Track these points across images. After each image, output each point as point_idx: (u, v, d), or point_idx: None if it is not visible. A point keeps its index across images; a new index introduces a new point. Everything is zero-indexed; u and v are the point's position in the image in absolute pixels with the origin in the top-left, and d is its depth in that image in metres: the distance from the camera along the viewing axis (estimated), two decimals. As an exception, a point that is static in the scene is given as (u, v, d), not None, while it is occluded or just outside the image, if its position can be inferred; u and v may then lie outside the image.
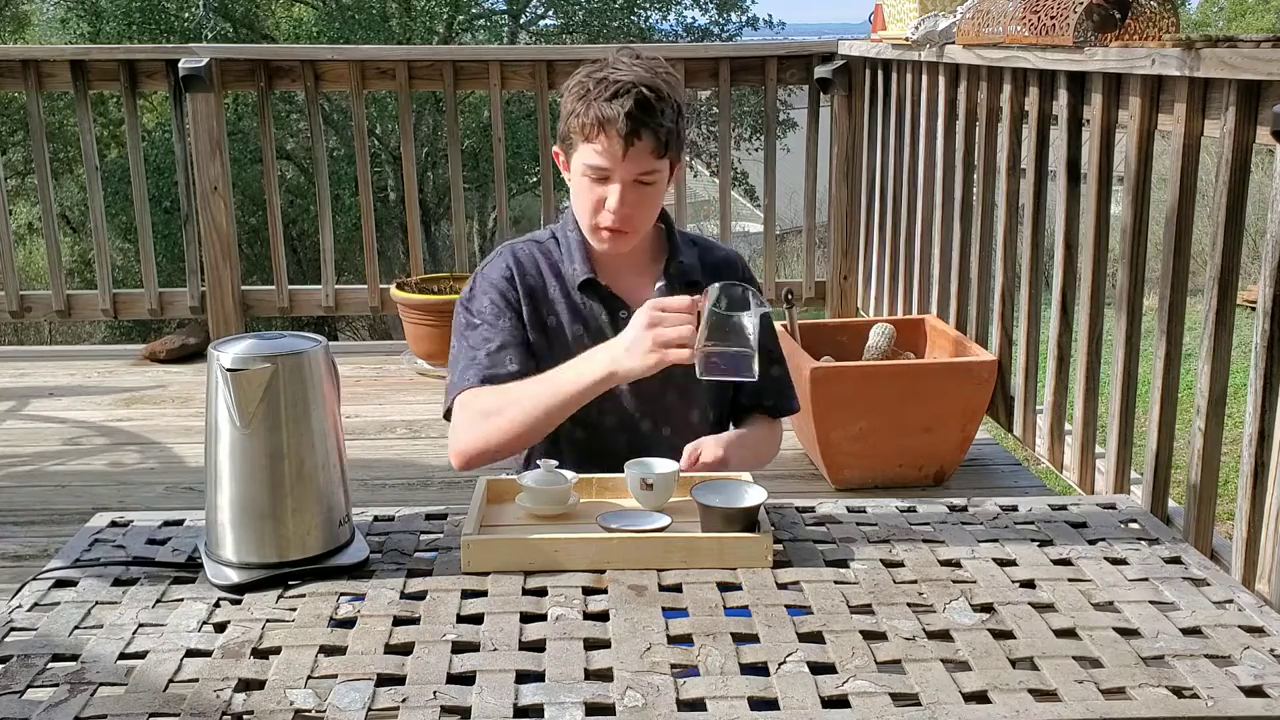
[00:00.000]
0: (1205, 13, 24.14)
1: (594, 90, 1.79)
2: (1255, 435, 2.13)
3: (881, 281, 4.27)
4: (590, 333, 1.90)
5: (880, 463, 3.13)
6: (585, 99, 1.79)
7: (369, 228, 4.71)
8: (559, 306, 1.91)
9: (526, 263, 1.94)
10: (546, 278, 1.93)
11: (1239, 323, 2.44)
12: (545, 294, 1.92)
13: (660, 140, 1.79)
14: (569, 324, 1.90)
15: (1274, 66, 2.00)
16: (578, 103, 1.80)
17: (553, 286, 1.92)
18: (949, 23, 3.33)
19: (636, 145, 1.77)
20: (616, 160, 1.79)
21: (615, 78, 1.79)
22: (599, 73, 1.81)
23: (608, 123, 1.77)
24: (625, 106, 1.76)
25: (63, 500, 3.19)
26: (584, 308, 1.91)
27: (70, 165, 14.82)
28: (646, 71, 1.81)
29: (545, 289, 1.92)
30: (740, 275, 1.96)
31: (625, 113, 1.76)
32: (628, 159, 1.78)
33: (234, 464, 1.42)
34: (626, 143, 1.77)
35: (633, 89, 1.77)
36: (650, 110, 1.77)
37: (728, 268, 1.98)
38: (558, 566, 1.46)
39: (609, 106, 1.76)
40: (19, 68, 4.34)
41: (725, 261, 2.00)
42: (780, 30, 20.43)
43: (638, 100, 1.76)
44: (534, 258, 1.94)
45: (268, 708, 1.17)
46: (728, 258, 2.02)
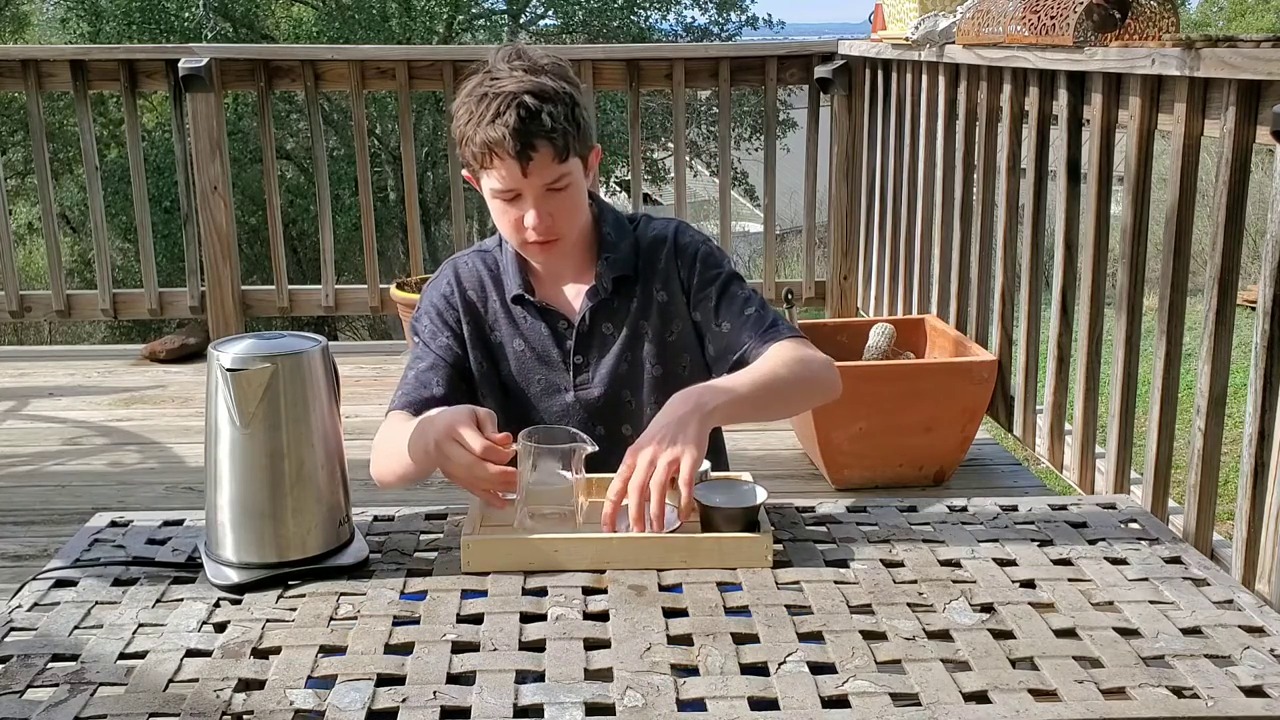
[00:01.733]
0: (1205, 13, 24.15)
1: (476, 112, 1.70)
2: (1255, 435, 2.13)
3: (881, 281, 4.27)
4: (532, 347, 1.86)
5: (880, 463, 3.13)
6: (470, 122, 1.71)
7: (369, 228, 4.71)
8: (500, 321, 1.88)
9: (468, 278, 1.89)
10: (488, 291, 1.88)
11: (1239, 323, 2.44)
12: (486, 308, 1.88)
13: (557, 146, 1.70)
14: (510, 339, 1.87)
15: (1274, 66, 2.00)
16: (465, 127, 1.72)
17: (493, 300, 1.88)
18: (949, 23, 3.33)
19: (534, 159, 1.69)
20: (519, 180, 1.71)
21: (495, 91, 1.69)
22: (479, 88, 1.72)
23: (496, 145, 1.68)
24: (509, 124, 1.66)
25: (63, 500, 3.19)
26: (524, 322, 1.87)
27: (70, 165, 14.82)
28: (527, 73, 1.71)
29: (486, 303, 1.88)
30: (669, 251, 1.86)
31: (510, 131, 1.66)
32: (530, 175, 1.70)
33: (234, 464, 1.42)
34: (521, 160, 1.69)
35: (513, 101, 1.67)
36: (535, 119, 1.67)
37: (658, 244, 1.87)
38: (558, 566, 1.46)
39: (493, 129, 1.68)
40: (19, 68, 4.34)
41: (657, 239, 1.88)
42: (780, 30, 20.45)
43: (520, 113, 1.66)
44: (476, 271, 1.90)
45: (268, 708, 1.17)
46: (658, 237, 1.89)
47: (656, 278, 1.87)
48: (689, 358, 1.89)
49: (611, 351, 1.86)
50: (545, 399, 1.88)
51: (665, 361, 1.87)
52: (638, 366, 1.86)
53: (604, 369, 1.86)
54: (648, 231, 1.91)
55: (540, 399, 1.88)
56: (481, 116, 1.70)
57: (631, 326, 1.86)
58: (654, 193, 18.46)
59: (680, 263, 1.88)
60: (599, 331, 1.86)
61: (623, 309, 1.86)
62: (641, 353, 1.86)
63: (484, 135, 1.69)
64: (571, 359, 1.86)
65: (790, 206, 9.01)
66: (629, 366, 1.86)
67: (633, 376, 1.87)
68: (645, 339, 1.86)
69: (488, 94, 1.70)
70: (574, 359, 1.86)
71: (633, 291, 1.86)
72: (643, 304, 1.87)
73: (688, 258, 1.89)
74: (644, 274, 1.88)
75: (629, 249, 1.87)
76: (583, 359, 1.86)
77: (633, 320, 1.86)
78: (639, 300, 1.87)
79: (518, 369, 1.87)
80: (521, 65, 1.73)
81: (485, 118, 1.69)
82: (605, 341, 1.86)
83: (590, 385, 1.87)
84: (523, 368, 1.87)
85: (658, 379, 1.87)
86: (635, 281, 1.87)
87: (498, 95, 1.69)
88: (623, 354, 1.86)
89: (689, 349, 1.89)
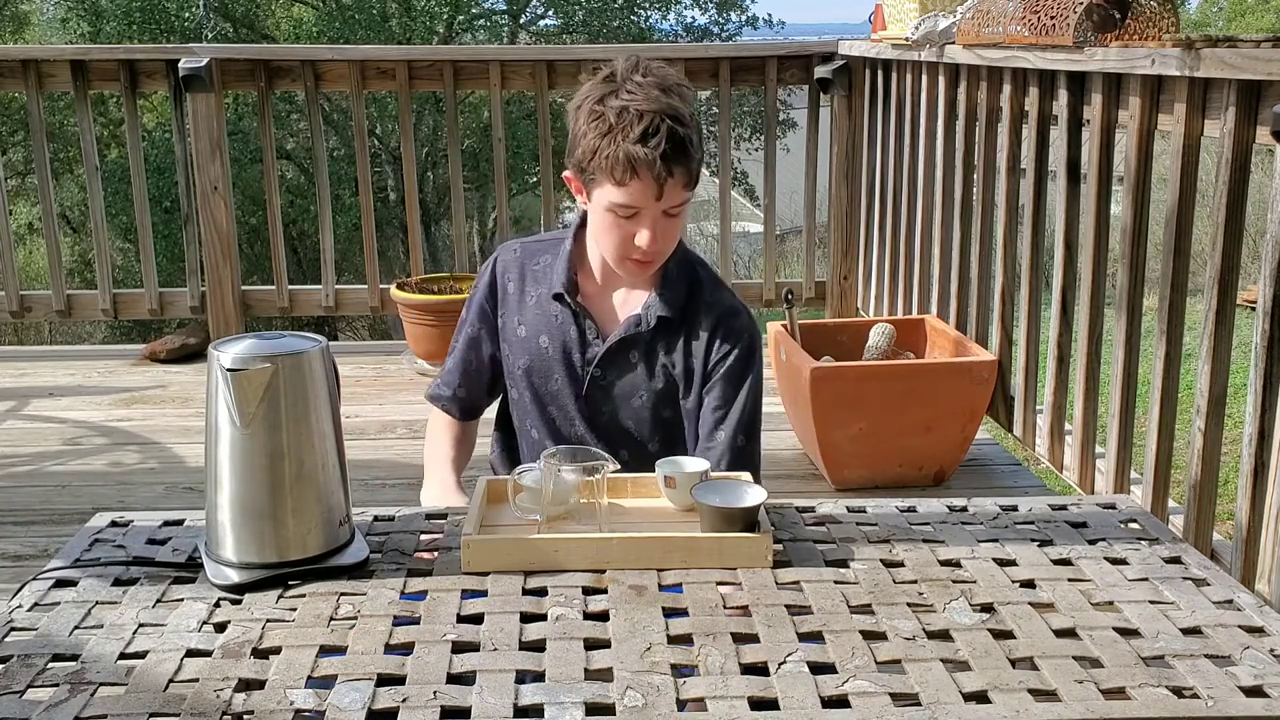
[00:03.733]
0: (1205, 13, 24.15)
1: (617, 126, 1.67)
2: (1255, 435, 2.13)
3: (881, 281, 4.27)
4: (555, 344, 1.88)
5: (880, 463, 3.13)
6: (610, 136, 1.68)
7: (369, 228, 4.71)
8: (530, 315, 1.90)
9: (512, 268, 1.93)
10: (527, 284, 1.91)
11: (1239, 323, 2.44)
12: (521, 302, 1.91)
13: (692, 174, 1.72)
14: (535, 334, 1.89)
15: (1274, 66, 2.00)
16: (600, 140, 1.69)
17: (530, 295, 1.90)
18: (949, 23, 3.33)
19: (669, 183, 1.69)
20: (649, 201, 1.71)
21: (637, 108, 1.67)
22: (615, 99, 1.69)
23: (640, 165, 1.67)
24: (659, 149, 1.66)
25: (63, 500, 3.19)
26: (555, 319, 1.88)
27: (70, 165, 14.82)
28: (664, 93, 1.69)
29: (522, 296, 1.91)
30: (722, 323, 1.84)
31: (660, 155, 1.66)
32: (662, 198, 1.71)
33: (234, 464, 1.42)
34: (660, 184, 1.68)
35: (662, 125, 1.66)
36: (681, 145, 1.68)
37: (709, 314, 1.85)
38: (558, 566, 1.46)
39: (641, 149, 1.66)
40: (19, 68, 4.34)
41: (715, 307, 1.86)
42: (780, 30, 20.44)
43: (670, 139, 1.66)
44: (522, 263, 1.92)
45: (268, 708, 1.17)
46: (719, 306, 1.86)
47: (694, 340, 1.85)
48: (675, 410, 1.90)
49: (629, 380, 1.87)
50: (560, 400, 1.90)
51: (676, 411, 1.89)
52: (649, 406, 1.88)
53: (618, 394, 1.87)
54: (712, 293, 1.87)
55: (555, 399, 1.90)
56: (626, 132, 1.67)
57: (657, 371, 1.86)
58: (654, 193, 18.41)
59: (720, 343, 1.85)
60: (625, 356, 1.86)
61: (654, 348, 1.85)
62: (656, 395, 1.87)
63: (630, 152, 1.67)
64: (590, 369, 1.87)
65: (790, 206, 9.00)
66: (641, 403, 1.88)
67: (641, 412, 1.88)
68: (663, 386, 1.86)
69: (629, 109, 1.68)
70: (593, 370, 1.86)
71: (670, 337, 1.85)
72: (673, 354, 1.86)
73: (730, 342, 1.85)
74: (687, 326, 1.85)
75: (683, 293, 1.87)
76: (601, 373, 1.87)
77: (659, 365, 1.86)
78: (670, 348, 1.86)
79: (539, 365, 1.89)
80: (654, 82, 1.71)
81: (631, 135, 1.67)
82: (626, 369, 1.87)
83: (601, 401, 1.88)
84: (544, 364, 1.89)
85: (666, 421, 1.89)
86: (677, 329, 1.85)
87: (643, 113, 1.67)
88: (639, 388, 1.87)
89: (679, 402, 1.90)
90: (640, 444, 1.89)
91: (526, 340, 1.90)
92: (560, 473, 1.53)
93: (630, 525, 1.57)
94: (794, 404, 3.28)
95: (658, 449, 1.88)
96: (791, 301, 3.39)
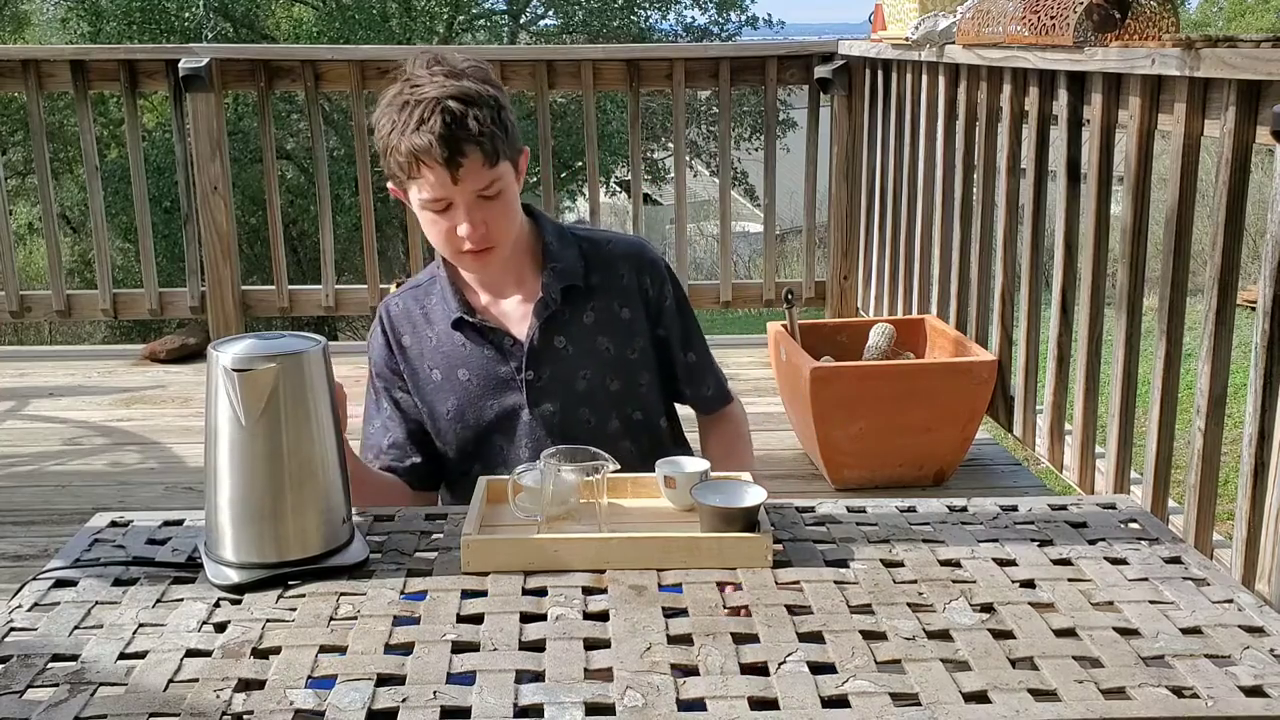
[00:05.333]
0: (1205, 13, 24.16)
1: (399, 121, 1.64)
2: (1255, 435, 2.13)
3: (881, 281, 4.27)
4: (475, 372, 1.82)
5: (880, 463, 3.13)
6: (394, 132, 1.65)
7: (369, 228, 4.71)
8: (436, 357, 1.83)
9: (401, 320, 1.86)
10: (420, 329, 1.85)
11: (1239, 323, 2.44)
12: (421, 349, 1.84)
13: (487, 150, 1.65)
14: (451, 371, 1.82)
15: (1274, 66, 2.00)
16: (388, 137, 1.66)
17: (428, 338, 1.84)
18: (949, 23, 3.33)
19: (463, 165, 1.64)
20: (449, 188, 1.66)
21: (417, 98, 1.64)
22: (400, 96, 1.66)
23: (423, 153, 1.63)
24: (435, 130, 1.61)
25: (63, 500, 3.18)
26: (463, 348, 1.81)
27: (70, 165, 14.83)
28: (449, 78, 1.66)
29: (421, 342, 1.84)
30: (635, 267, 1.84)
31: (437, 138, 1.61)
32: (460, 182, 1.66)
33: (234, 464, 1.42)
34: (451, 167, 1.64)
35: (436, 107, 1.62)
36: (462, 124, 1.63)
37: (623, 260, 1.85)
38: (558, 566, 1.46)
39: (418, 136, 1.62)
40: (19, 68, 4.33)
41: (619, 254, 1.85)
42: (780, 30, 20.46)
43: (446, 119, 1.62)
44: (408, 312, 1.86)
45: (268, 708, 1.17)
46: (620, 252, 1.86)
47: (617, 293, 1.84)
48: (648, 375, 1.87)
49: (566, 367, 1.82)
50: (502, 424, 1.83)
51: (624, 379, 1.84)
52: (596, 384, 1.82)
53: (560, 386, 1.82)
54: (604, 242, 1.87)
55: (497, 426, 1.83)
56: (405, 125, 1.64)
57: (587, 342, 1.82)
58: (654, 193, 18.46)
59: (650, 280, 1.86)
60: (551, 346, 1.81)
61: (575, 322, 1.81)
62: (599, 370, 1.82)
63: (409, 144, 1.64)
64: (522, 375, 1.81)
65: (790, 206, 9.02)
66: (586, 384, 1.82)
67: (591, 394, 1.83)
68: (603, 356, 1.82)
69: (409, 101, 1.65)
70: (525, 375, 1.81)
71: (585, 304, 1.82)
72: (600, 319, 1.82)
73: (657, 275, 1.87)
74: (600, 288, 1.83)
75: (575, 258, 1.83)
76: (534, 374, 1.81)
77: (588, 335, 1.82)
78: (595, 315, 1.82)
79: (466, 402, 1.83)
80: (441, 70, 1.68)
81: (409, 125, 1.64)
82: (558, 356, 1.81)
83: (545, 402, 1.82)
84: (471, 399, 1.82)
85: (617, 395, 1.84)
86: (588, 294, 1.82)
87: (420, 102, 1.64)
88: (578, 371, 1.82)
89: (648, 366, 1.87)
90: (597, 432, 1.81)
91: (445, 381, 1.83)
92: (560, 473, 1.53)
93: (630, 525, 1.57)
94: (794, 404, 3.28)
95: (618, 428, 1.84)
96: (791, 301, 3.39)
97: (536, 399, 1.82)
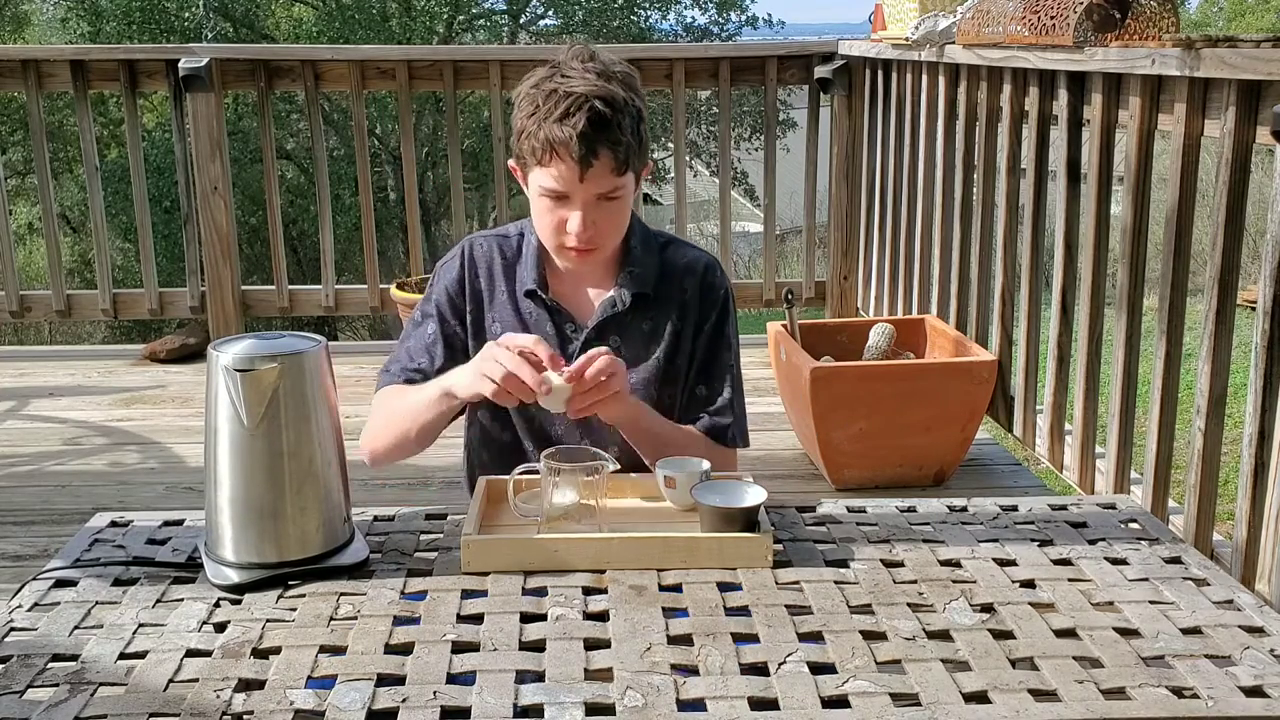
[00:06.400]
0: (1205, 13, 24.16)
1: (543, 107, 1.66)
2: (1255, 435, 2.13)
3: (881, 281, 4.27)
4: None
5: (880, 463, 3.13)
6: (535, 117, 1.67)
7: (369, 228, 4.71)
8: (504, 313, 1.84)
9: (481, 263, 1.86)
10: (497, 280, 1.85)
11: (1239, 323, 2.44)
12: (492, 299, 1.85)
13: (619, 158, 1.67)
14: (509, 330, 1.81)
15: (1274, 66, 2.00)
16: (528, 120, 1.68)
17: (501, 290, 1.85)
18: (949, 23, 3.33)
19: (594, 166, 1.66)
20: (574, 184, 1.68)
21: (566, 89, 1.65)
22: (549, 82, 1.68)
23: (560, 145, 1.64)
24: (578, 126, 1.63)
25: (63, 500, 3.19)
26: (529, 316, 1.83)
27: (70, 165, 14.83)
28: (599, 77, 1.67)
29: (493, 293, 1.85)
30: (698, 285, 1.85)
31: (578, 134, 1.63)
32: (586, 181, 1.67)
33: (235, 464, 1.42)
34: (582, 165, 1.65)
35: (585, 104, 1.64)
36: (605, 126, 1.64)
37: (689, 274, 1.86)
38: (558, 566, 1.46)
39: (560, 128, 1.64)
40: (19, 68, 4.34)
41: (687, 269, 1.87)
42: (780, 30, 20.46)
43: (591, 118, 1.63)
44: (490, 257, 1.86)
45: (268, 708, 1.17)
46: (690, 266, 1.87)
47: (676, 307, 1.85)
48: (671, 391, 1.87)
49: None
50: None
51: (658, 389, 1.85)
52: (637, 389, 1.83)
53: None
54: (679, 256, 1.88)
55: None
56: (549, 113, 1.65)
57: (641, 349, 1.83)
58: (654, 192, 18.47)
59: (703, 300, 1.86)
60: (607, 343, 1.81)
61: (635, 327, 1.83)
62: (643, 376, 1.84)
63: (549, 132, 1.65)
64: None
65: (790, 206, 9.01)
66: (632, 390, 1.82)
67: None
68: (650, 364, 1.84)
69: (557, 90, 1.66)
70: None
71: (648, 313, 1.84)
72: (655, 328, 1.84)
73: (712, 299, 1.87)
74: (663, 299, 1.85)
75: (653, 266, 1.85)
76: None
77: (643, 342, 1.84)
78: (653, 323, 1.84)
79: None
80: (594, 68, 1.69)
81: (553, 115, 1.65)
82: None
83: None
84: None
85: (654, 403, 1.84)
86: (653, 303, 1.84)
87: (569, 95, 1.65)
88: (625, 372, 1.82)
89: (676, 382, 1.87)
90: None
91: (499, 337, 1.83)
92: (560, 472, 1.53)
93: (630, 525, 1.57)
94: (794, 404, 3.28)
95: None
96: (791, 301, 3.39)
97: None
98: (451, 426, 1.97)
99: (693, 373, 1.88)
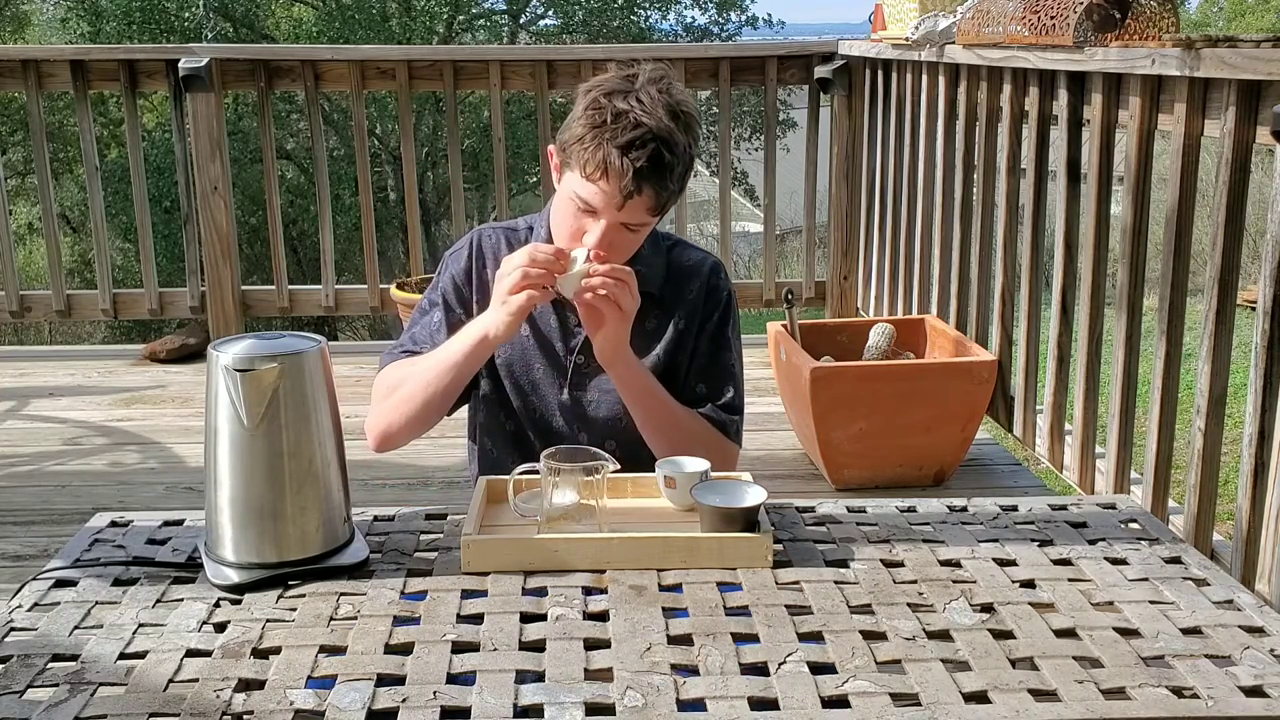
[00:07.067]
0: (1205, 13, 24.17)
1: (610, 126, 1.65)
2: (1255, 435, 2.13)
3: (881, 281, 4.27)
4: (537, 335, 1.86)
5: (880, 463, 3.13)
6: (598, 132, 1.66)
7: (369, 228, 4.71)
8: None
9: (489, 254, 1.87)
10: None
11: (1239, 323, 2.44)
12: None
13: (660, 202, 1.70)
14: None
15: (1274, 66, 2.00)
16: (588, 130, 1.67)
17: None
18: (949, 23, 3.33)
19: (635, 200, 1.68)
20: (609, 208, 1.69)
21: (635, 118, 1.65)
22: (620, 100, 1.67)
23: (613, 171, 1.65)
24: (637, 162, 1.64)
25: (63, 500, 3.19)
26: (534, 309, 1.82)
27: (70, 165, 14.83)
28: (669, 116, 1.67)
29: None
30: (702, 286, 1.87)
31: (634, 170, 1.64)
32: (623, 209, 1.69)
33: (235, 464, 1.42)
34: (625, 196, 1.67)
35: (650, 142, 1.64)
36: (659, 170, 1.66)
37: (694, 276, 1.87)
38: (558, 566, 1.46)
39: (619, 157, 1.64)
40: (19, 68, 4.34)
41: (693, 270, 1.89)
42: (780, 30, 20.45)
43: (651, 158, 1.64)
44: (498, 250, 1.87)
45: (268, 708, 1.17)
46: (694, 268, 1.89)
47: (681, 307, 1.87)
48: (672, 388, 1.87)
49: None
50: (541, 390, 1.87)
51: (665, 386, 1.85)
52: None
53: (604, 380, 1.84)
54: (685, 258, 1.90)
55: (536, 389, 1.87)
56: (614, 135, 1.65)
57: (643, 348, 1.84)
58: (654, 193, 18.40)
59: (709, 303, 1.88)
60: None
61: (639, 326, 1.82)
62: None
63: (607, 154, 1.65)
64: (574, 358, 1.85)
65: (790, 206, 9.01)
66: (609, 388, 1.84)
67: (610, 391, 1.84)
68: (651, 363, 1.85)
69: (628, 115, 1.66)
70: (576, 359, 1.85)
71: (651, 312, 1.84)
72: (659, 328, 1.86)
73: (715, 301, 1.88)
74: (668, 299, 1.86)
75: (659, 267, 1.86)
76: (584, 360, 1.85)
77: (645, 341, 1.85)
78: (655, 323, 1.86)
79: (519, 354, 1.87)
80: (665, 101, 1.68)
81: (617, 139, 1.65)
82: None
83: (586, 390, 1.86)
84: (524, 355, 1.87)
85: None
86: (657, 303, 1.85)
87: (638, 125, 1.65)
88: None
89: (676, 379, 1.88)
90: (627, 430, 1.84)
91: None
92: (560, 472, 1.53)
93: (630, 525, 1.57)
94: (794, 404, 3.28)
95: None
96: (791, 301, 3.39)
97: (579, 382, 1.86)
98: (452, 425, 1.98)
99: (693, 372, 1.89)
